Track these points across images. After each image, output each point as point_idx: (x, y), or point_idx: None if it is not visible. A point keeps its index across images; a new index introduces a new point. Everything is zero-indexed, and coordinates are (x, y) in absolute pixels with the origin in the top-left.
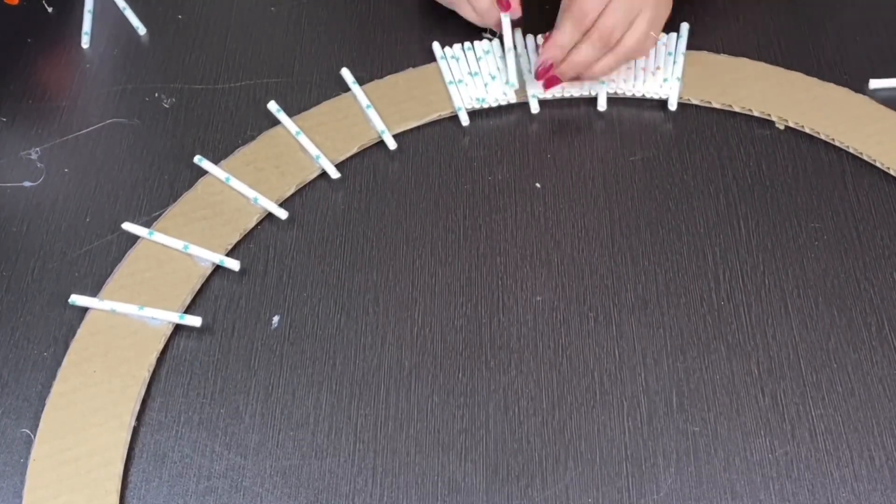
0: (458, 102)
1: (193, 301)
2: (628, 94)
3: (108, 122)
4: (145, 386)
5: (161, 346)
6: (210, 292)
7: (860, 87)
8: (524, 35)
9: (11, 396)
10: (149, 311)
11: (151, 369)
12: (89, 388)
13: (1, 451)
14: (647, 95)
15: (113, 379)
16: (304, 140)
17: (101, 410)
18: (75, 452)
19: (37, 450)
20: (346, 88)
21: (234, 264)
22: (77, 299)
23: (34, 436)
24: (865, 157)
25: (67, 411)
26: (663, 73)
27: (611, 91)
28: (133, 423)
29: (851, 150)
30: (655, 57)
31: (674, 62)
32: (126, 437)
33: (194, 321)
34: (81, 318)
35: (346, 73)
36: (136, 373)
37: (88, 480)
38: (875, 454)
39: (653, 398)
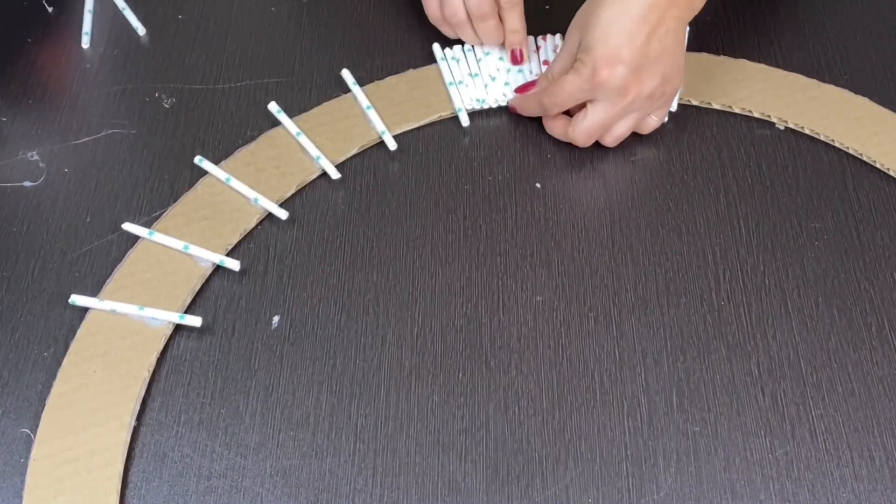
0: (458, 103)
1: (194, 301)
2: None
3: (105, 132)
4: (145, 386)
5: (161, 346)
6: (210, 293)
7: (860, 88)
8: (535, 37)
9: (11, 396)
10: (149, 312)
11: (151, 369)
12: (89, 388)
13: (1, 452)
14: None
15: (113, 379)
16: (304, 141)
17: (101, 410)
18: (75, 452)
19: (37, 450)
20: (347, 89)
21: (234, 264)
22: (77, 299)
23: (34, 436)
24: (865, 158)
25: (67, 411)
26: None
27: None
28: (133, 423)
29: (851, 152)
30: None
31: None
32: (126, 437)
33: (194, 321)
34: (81, 319)
35: (346, 74)
36: (136, 373)
37: (88, 480)
38: (875, 454)
39: (653, 398)
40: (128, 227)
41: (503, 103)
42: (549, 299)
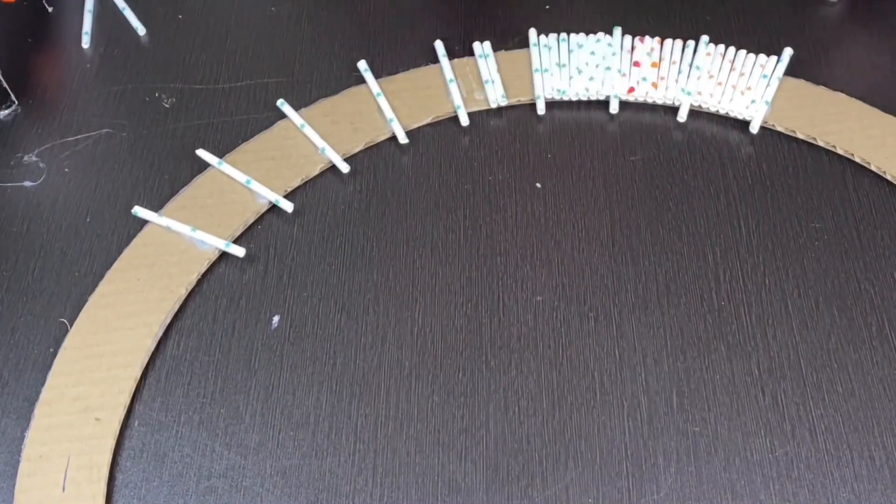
0: (538, 90)
1: (194, 293)
2: (712, 109)
3: (105, 132)
4: (179, 302)
5: (204, 269)
6: (210, 292)
7: (859, 89)
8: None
9: (11, 396)
10: (199, 234)
11: (190, 288)
12: (129, 294)
13: (0, 451)
14: (731, 114)
15: (153, 290)
16: (382, 102)
17: (134, 316)
18: (102, 349)
19: (69, 339)
20: (349, 86)
21: (239, 251)
22: (139, 211)
23: (70, 326)
24: None
25: (105, 311)
26: (753, 94)
27: (695, 104)
28: (160, 333)
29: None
30: (749, 76)
31: (767, 85)
32: (151, 344)
33: (238, 251)
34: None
35: (438, 45)
36: (174, 288)
37: (107, 377)
38: (875, 454)
39: (653, 398)
40: (201, 153)
41: (584, 98)
42: (550, 299)
